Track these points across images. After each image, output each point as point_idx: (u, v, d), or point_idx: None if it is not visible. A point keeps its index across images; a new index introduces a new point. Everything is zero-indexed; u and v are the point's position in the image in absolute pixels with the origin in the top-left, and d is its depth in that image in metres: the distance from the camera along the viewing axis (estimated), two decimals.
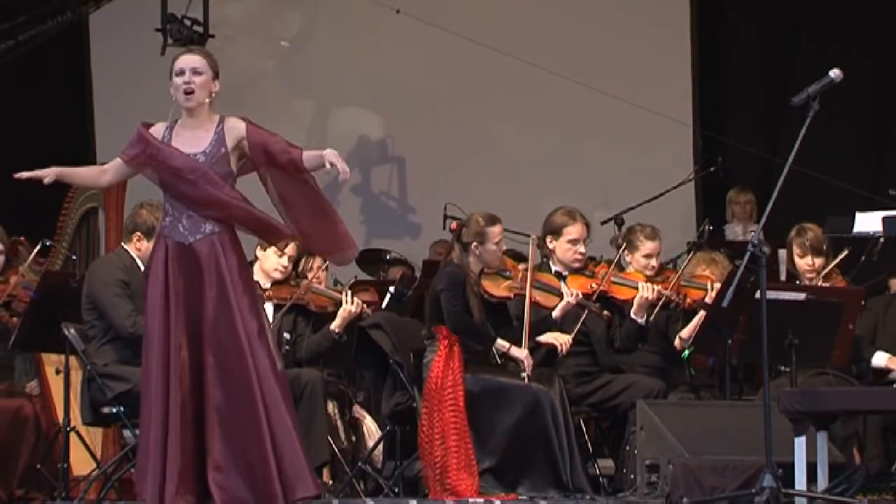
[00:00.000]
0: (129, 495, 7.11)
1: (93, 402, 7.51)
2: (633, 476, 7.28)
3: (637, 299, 7.80)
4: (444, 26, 10.76)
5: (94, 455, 7.85)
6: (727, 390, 7.71)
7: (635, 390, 7.66)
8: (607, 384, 7.79)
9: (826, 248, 7.91)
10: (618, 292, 7.90)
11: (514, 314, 7.69)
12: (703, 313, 7.76)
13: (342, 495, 7.39)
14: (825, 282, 7.85)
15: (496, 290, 7.67)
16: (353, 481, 7.69)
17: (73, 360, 7.69)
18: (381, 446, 8.01)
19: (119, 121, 10.51)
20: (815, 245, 7.88)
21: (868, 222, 7.81)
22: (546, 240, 7.95)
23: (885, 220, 7.50)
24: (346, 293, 7.92)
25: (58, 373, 7.96)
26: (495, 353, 7.62)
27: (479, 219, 7.55)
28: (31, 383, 8.23)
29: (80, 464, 7.84)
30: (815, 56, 10.60)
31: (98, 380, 7.42)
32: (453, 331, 7.33)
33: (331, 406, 7.92)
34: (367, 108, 12.05)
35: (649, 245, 8.05)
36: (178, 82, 6.10)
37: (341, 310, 7.86)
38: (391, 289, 8.77)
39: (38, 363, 8.21)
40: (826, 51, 10.52)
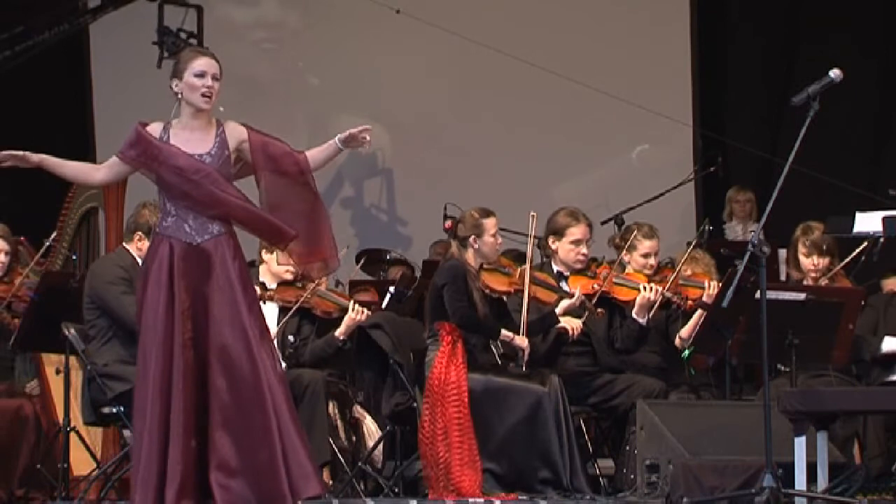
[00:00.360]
0: (129, 495, 7.09)
1: (93, 402, 7.52)
2: (633, 476, 7.28)
3: (639, 300, 7.81)
4: (445, 26, 10.75)
5: (94, 455, 7.85)
6: (727, 390, 7.71)
7: (635, 390, 7.66)
8: (607, 384, 7.79)
9: (832, 247, 7.89)
10: (619, 293, 7.91)
11: (513, 309, 7.71)
12: (701, 312, 7.77)
13: (342, 495, 7.39)
14: (831, 282, 7.83)
15: (496, 284, 7.67)
16: (353, 481, 7.69)
17: (73, 360, 7.69)
18: (381, 446, 8.01)
19: (119, 124, 10.47)
20: (820, 244, 7.86)
21: (868, 222, 7.79)
22: (548, 240, 7.96)
23: (885, 220, 7.48)
24: (352, 303, 7.95)
25: (58, 373, 7.96)
26: (496, 353, 7.63)
27: (473, 213, 7.57)
28: (32, 383, 8.23)
29: (80, 464, 7.84)
30: (815, 56, 10.59)
31: (98, 380, 7.42)
32: (459, 325, 7.34)
33: (331, 406, 7.92)
34: (365, 115, 11.97)
35: (647, 244, 8.04)
36: (198, 83, 6.06)
37: (347, 317, 7.87)
38: (391, 289, 8.77)
39: (38, 363, 8.22)
40: (826, 51, 10.50)
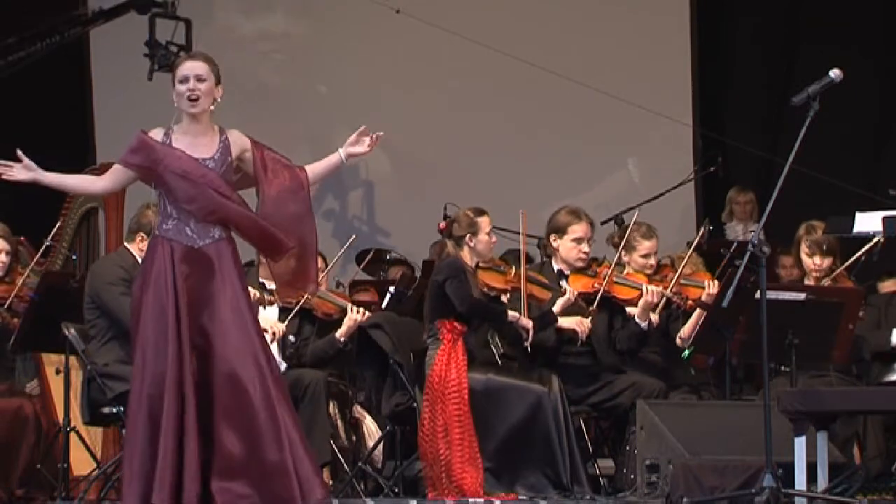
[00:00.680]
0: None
1: (93, 401, 7.52)
2: (633, 476, 7.28)
3: (641, 303, 7.81)
4: (445, 26, 10.74)
5: (94, 455, 7.86)
6: (727, 390, 7.71)
7: (635, 390, 7.66)
8: (607, 384, 7.79)
9: (833, 248, 7.88)
10: (619, 292, 7.91)
11: (511, 307, 7.70)
12: (701, 312, 7.77)
13: (342, 495, 7.39)
14: (833, 283, 7.83)
15: (493, 282, 7.68)
16: (354, 481, 7.70)
17: (73, 360, 7.70)
18: (381, 446, 8.02)
19: (119, 131, 10.46)
20: (821, 244, 7.85)
21: (868, 222, 7.78)
22: (550, 238, 7.96)
23: (885, 220, 7.47)
24: (350, 305, 7.97)
25: (58, 373, 7.97)
26: (496, 354, 7.64)
27: (467, 212, 7.59)
28: (31, 383, 8.24)
29: (80, 464, 7.85)
30: (815, 56, 10.58)
31: (98, 380, 7.42)
32: (468, 313, 7.34)
33: (331, 406, 7.93)
34: (365, 116, 11.89)
35: (646, 244, 8.04)
36: (182, 90, 5.98)
37: (347, 318, 7.88)
38: (391, 289, 8.78)
39: (38, 363, 8.22)
40: (826, 51, 10.49)
